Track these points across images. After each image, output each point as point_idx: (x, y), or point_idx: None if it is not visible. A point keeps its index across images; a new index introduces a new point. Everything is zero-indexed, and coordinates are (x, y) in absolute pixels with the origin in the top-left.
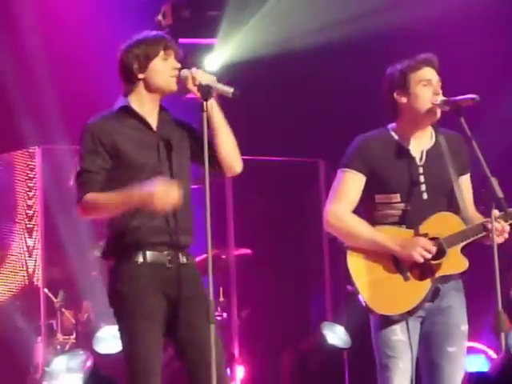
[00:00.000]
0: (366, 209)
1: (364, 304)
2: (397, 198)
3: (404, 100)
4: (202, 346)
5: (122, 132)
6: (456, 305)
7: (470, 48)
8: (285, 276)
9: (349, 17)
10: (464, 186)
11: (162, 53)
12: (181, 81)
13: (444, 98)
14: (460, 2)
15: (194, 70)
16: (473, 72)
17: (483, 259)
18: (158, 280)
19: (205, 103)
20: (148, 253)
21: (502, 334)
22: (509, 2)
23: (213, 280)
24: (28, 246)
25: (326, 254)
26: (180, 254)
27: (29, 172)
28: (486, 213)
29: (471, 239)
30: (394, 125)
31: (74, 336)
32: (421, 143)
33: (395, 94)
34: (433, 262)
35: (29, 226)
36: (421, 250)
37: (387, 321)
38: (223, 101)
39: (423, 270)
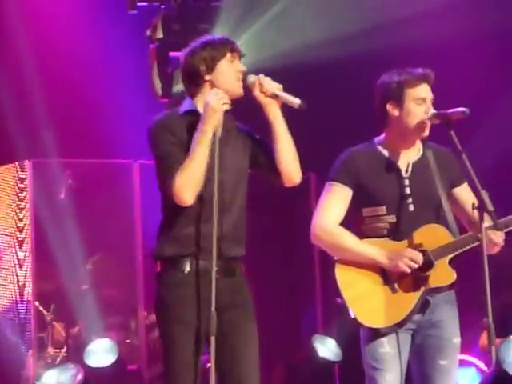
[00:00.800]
0: (354, 222)
1: (353, 317)
2: (383, 210)
3: (396, 113)
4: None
5: (185, 136)
6: (448, 318)
7: (460, 63)
8: (275, 289)
9: (342, 35)
10: (464, 194)
11: (228, 55)
12: (247, 86)
13: (434, 112)
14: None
15: (261, 76)
16: (463, 87)
17: (474, 270)
18: (203, 290)
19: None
20: (195, 262)
21: (493, 348)
22: (494, 19)
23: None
24: (19, 259)
25: (317, 267)
26: (229, 265)
27: (20, 185)
28: (476, 226)
29: (459, 251)
30: (381, 137)
31: (64, 349)
32: (407, 156)
33: (388, 105)
34: (420, 274)
35: (20, 238)
36: (407, 261)
37: (375, 333)
38: None
39: (411, 283)
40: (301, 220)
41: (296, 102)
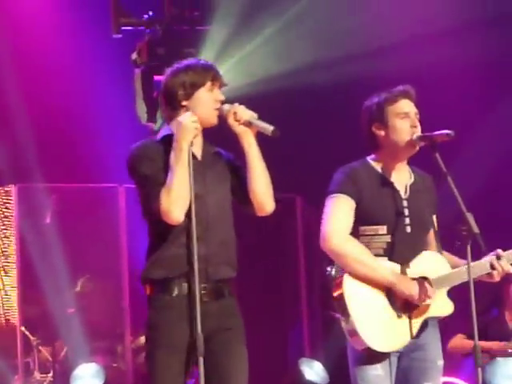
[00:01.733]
0: None
1: (352, 333)
2: (383, 229)
3: (382, 133)
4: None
5: (164, 161)
6: (432, 340)
7: (447, 87)
8: (262, 312)
9: (329, 60)
10: (435, 226)
11: (209, 83)
12: (222, 114)
13: (419, 134)
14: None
15: (236, 104)
16: (449, 110)
17: (460, 293)
18: (192, 314)
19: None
20: (184, 285)
21: (479, 369)
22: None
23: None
24: (4, 284)
25: (304, 290)
26: (218, 287)
27: (5, 210)
28: (461, 249)
29: (460, 282)
30: (373, 156)
31: (51, 374)
32: (402, 177)
33: (373, 128)
34: (422, 303)
35: (5, 263)
36: (423, 296)
37: (368, 355)
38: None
39: (414, 310)
40: (287, 242)
41: (269, 128)
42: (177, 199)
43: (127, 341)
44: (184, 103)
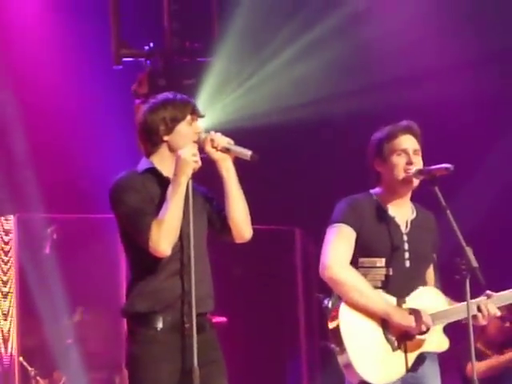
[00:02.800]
0: None
1: (347, 365)
2: (382, 262)
3: (382, 169)
4: None
5: (149, 192)
6: (431, 374)
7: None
8: (260, 343)
9: (328, 95)
10: (435, 264)
11: (188, 117)
12: (199, 142)
13: (418, 168)
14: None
15: (212, 132)
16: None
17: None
18: (176, 347)
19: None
20: (168, 319)
21: None
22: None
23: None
24: (3, 313)
25: (302, 322)
26: (201, 321)
27: (4, 238)
28: (460, 283)
29: (456, 319)
30: (376, 190)
31: None
32: (404, 213)
33: (375, 163)
34: (418, 336)
35: (4, 292)
36: (422, 326)
37: None
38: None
39: (408, 343)
40: (285, 274)
41: (247, 153)
42: (167, 232)
43: (125, 372)
44: (165, 138)
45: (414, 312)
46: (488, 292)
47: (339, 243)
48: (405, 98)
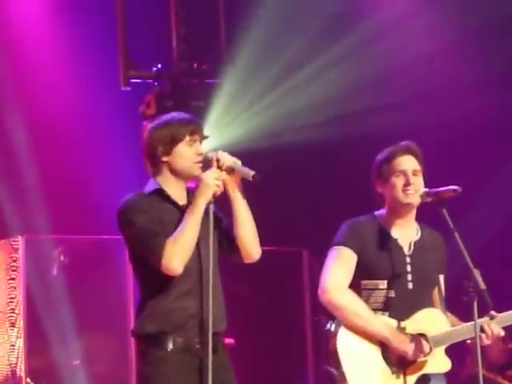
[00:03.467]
0: None
1: None
2: (384, 284)
3: (383, 190)
4: None
5: (157, 213)
6: None
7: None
8: (268, 364)
9: (335, 116)
10: (441, 285)
11: (187, 137)
12: (206, 162)
13: (426, 190)
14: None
15: (219, 152)
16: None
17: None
18: (187, 368)
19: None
20: (178, 339)
21: None
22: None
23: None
24: (10, 336)
25: (309, 344)
26: (212, 341)
27: (11, 262)
28: (468, 304)
29: (457, 340)
30: (381, 212)
31: None
32: (407, 234)
33: (377, 185)
34: (419, 359)
35: (11, 315)
36: (417, 352)
37: None
38: None
39: (409, 366)
40: (293, 296)
41: (250, 173)
42: (181, 250)
43: None
44: (164, 159)
45: (415, 338)
46: (491, 313)
47: (338, 267)
48: (413, 117)
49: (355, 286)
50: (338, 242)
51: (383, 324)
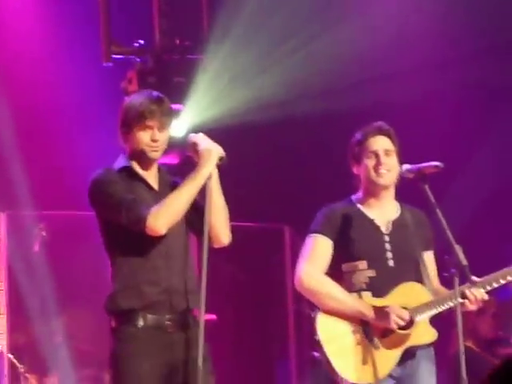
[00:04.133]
0: (332, 278)
1: (332, 370)
2: (363, 264)
3: (358, 171)
4: None
5: (126, 188)
6: (427, 374)
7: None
8: (249, 342)
9: (316, 92)
10: (429, 261)
11: (142, 123)
12: (186, 146)
13: (408, 166)
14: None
15: (194, 134)
16: (437, 140)
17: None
18: (157, 345)
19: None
20: (149, 316)
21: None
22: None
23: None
24: None
25: (291, 321)
26: (184, 318)
27: None
28: (449, 280)
29: (440, 310)
30: (357, 194)
31: None
32: (385, 214)
33: (352, 166)
34: (401, 331)
35: None
36: (395, 318)
37: None
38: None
39: (393, 340)
40: (275, 272)
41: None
42: (170, 212)
43: None
44: (124, 140)
45: (391, 307)
46: (472, 278)
47: (312, 254)
48: (390, 95)
49: (337, 270)
50: (314, 230)
51: (358, 301)
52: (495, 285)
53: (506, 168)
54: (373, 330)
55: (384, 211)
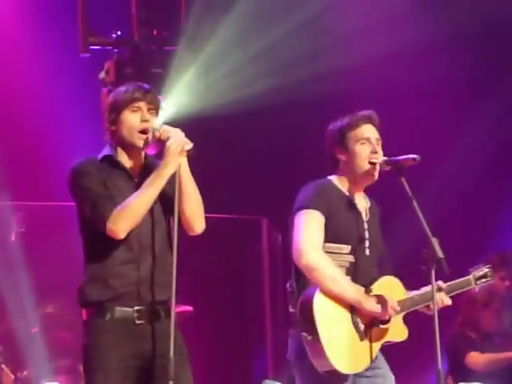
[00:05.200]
0: None
1: (319, 354)
2: (347, 249)
3: (343, 157)
4: None
5: (105, 178)
6: (380, 359)
7: (413, 108)
8: (226, 333)
9: (290, 81)
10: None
11: (130, 105)
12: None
13: (385, 158)
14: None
15: (162, 126)
16: (416, 132)
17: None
18: (125, 336)
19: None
20: (116, 308)
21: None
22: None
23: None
24: None
25: (268, 312)
26: (154, 309)
27: None
28: (426, 273)
29: (414, 308)
30: (335, 177)
31: None
32: (362, 201)
33: (335, 152)
34: (382, 326)
35: None
36: (390, 310)
37: (330, 378)
38: None
39: (374, 333)
40: (252, 263)
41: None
42: (130, 216)
43: None
44: (112, 128)
45: (380, 298)
46: (439, 283)
47: (312, 229)
48: (366, 84)
49: None
50: (306, 205)
51: (356, 289)
52: (460, 291)
53: (483, 161)
54: (360, 319)
55: (361, 198)
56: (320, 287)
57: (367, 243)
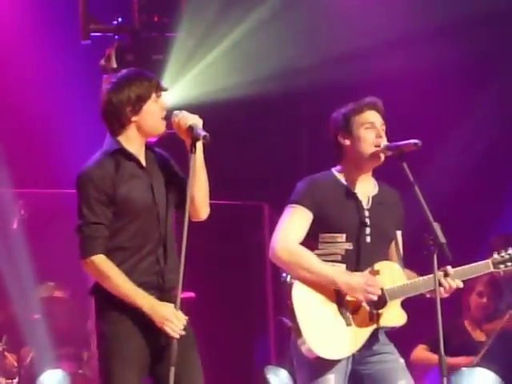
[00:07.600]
0: (308, 246)
1: (302, 342)
2: (342, 237)
3: (347, 142)
4: None
5: (120, 177)
6: (384, 344)
7: (415, 95)
8: (228, 320)
9: (292, 69)
10: (398, 240)
11: (153, 95)
12: (170, 122)
13: (387, 143)
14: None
15: (177, 112)
16: (418, 118)
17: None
18: (142, 324)
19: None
20: None
21: (445, 379)
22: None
23: None
24: None
25: (270, 298)
26: (169, 296)
27: None
28: (428, 258)
29: (414, 293)
30: (338, 168)
31: (16, 380)
32: (366, 188)
33: (339, 137)
34: (374, 311)
35: None
36: (368, 288)
37: (321, 364)
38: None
39: (364, 318)
40: (254, 249)
41: (201, 134)
42: (95, 277)
43: (93, 347)
44: (134, 119)
45: (364, 275)
46: (446, 268)
47: (289, 225)
48: (367, 71)
49: (313, 238)
50: (293, 201)
51: (332, 270)
52: (469, 277)
53: (485, 146)
54: (346, 306)
55: (365, 186)
56: (295, 278)
57: (368, 230)
